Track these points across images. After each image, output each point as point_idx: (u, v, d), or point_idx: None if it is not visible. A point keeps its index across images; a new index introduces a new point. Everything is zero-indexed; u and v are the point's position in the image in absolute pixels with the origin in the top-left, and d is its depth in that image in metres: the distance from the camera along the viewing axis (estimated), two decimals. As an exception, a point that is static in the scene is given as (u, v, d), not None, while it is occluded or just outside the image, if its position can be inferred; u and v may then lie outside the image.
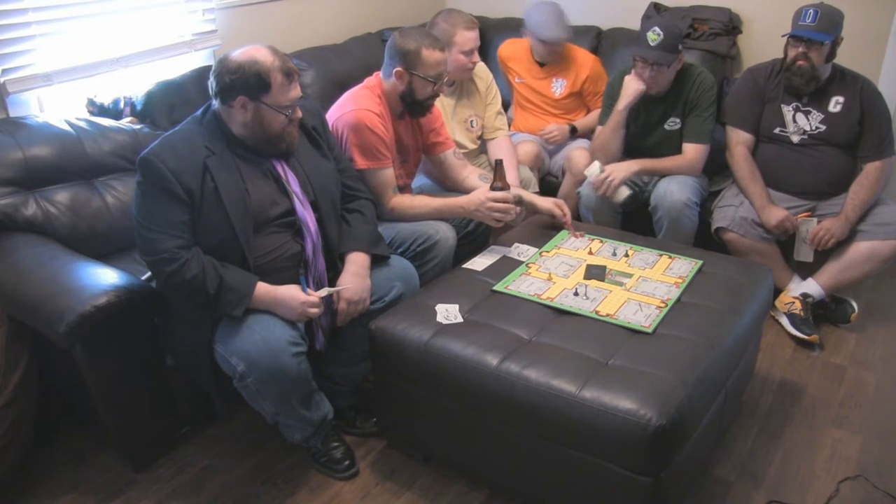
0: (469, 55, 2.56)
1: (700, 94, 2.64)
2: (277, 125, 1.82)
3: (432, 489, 1.99)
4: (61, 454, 2.13)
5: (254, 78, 1.75)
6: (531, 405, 1.65)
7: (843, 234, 2.50)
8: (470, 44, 2.55)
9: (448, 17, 2.58)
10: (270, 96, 1.78)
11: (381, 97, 2.24)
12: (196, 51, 2.80)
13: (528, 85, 3.18)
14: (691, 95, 2.65)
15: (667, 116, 2.69)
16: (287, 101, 1.80)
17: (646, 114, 2.72)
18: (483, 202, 2.15)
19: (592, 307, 1.90)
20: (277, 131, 1.83)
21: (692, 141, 2.67)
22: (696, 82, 2.65)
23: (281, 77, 1.77)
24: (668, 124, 2.70)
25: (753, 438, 2.14)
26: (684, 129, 2.69)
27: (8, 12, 2.25)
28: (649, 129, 2.74)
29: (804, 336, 2.54)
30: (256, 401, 1.84)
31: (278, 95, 1.78)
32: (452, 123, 2.72)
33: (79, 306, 1.74)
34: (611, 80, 2.82)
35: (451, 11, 2.61)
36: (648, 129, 2.74)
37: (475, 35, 2.57)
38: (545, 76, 3.14)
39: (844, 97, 2.53)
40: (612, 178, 2.60)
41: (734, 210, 2.61)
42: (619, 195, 2.63)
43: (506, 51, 3.25)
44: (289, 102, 1.81)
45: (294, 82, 1.81)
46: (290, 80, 1.80)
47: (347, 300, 1.92)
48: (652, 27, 2.54)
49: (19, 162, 2.11)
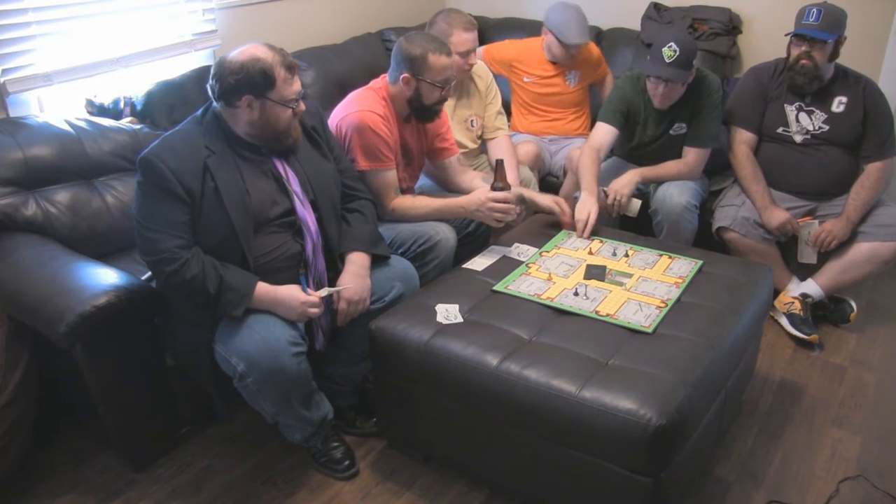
0: (465, 56, 2.56)
1: (706, 98, 2.61)
2: (284, 120, 1.83)
3: (432, 489, 1.99)
4: (61, 454, 2.13)
5: (259, 75, 1.75)
6: (531, 405, 1.65)
7: (845, 235, 2.50)
8: (466, 45, 2.54)
9: (447, 17, 2.58)
10: (275, 92, 1.78)
11: (386, 100, 2.24)
12: (196, 51, 2.80)
13: (540, 83, 3.16)
14: (698, 101, 2.62)
15: (673, 123, 2.68)
16: (291, 94, 1.81)
17: (654, 125, 2.70)
18: (483, 203, 2.15)
19: (592, 307, 1.90)
20: (284, 126, 1.84)
21: (694, 145, 2.66)
22: (703, 87, 2.61)
23: (284, 71, 1.78)
24: (673, 130, 2.69)
25: (753, 438, 2.14)
26: (687, 133, 2.68)
27: (8, 12, 2.25)
28: (656, 136, 2.72)
29: (804, 336, 2.54)
30: (256, 401, 1.84)
31: (283, 90, 1.79)
32: (452, 123, 2.72)
33: (79, 306, 1.73)
34: (620, 82, 2.78)
35: (451, 12, 2.61)
36: (655, 137, 2.73)
37: (472, 37, 2.57)
38: (558, 72, 3.14)
39: (847, 97, 2.53)
40: (620, 196, 2.59)
41: (736, 210, 2.60)
42: (632, 209, 2.64)
43: (506, 53, 3.24)
44: (293, 96, 1.82)
45: (295, 75, 1.83)
46: (292, 74, 1.81)
47: (347, 300, 1.92)
48: (668, 42, 2.46)
49: (19, 162, 2.11)
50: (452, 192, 2.48)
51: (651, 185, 2.74)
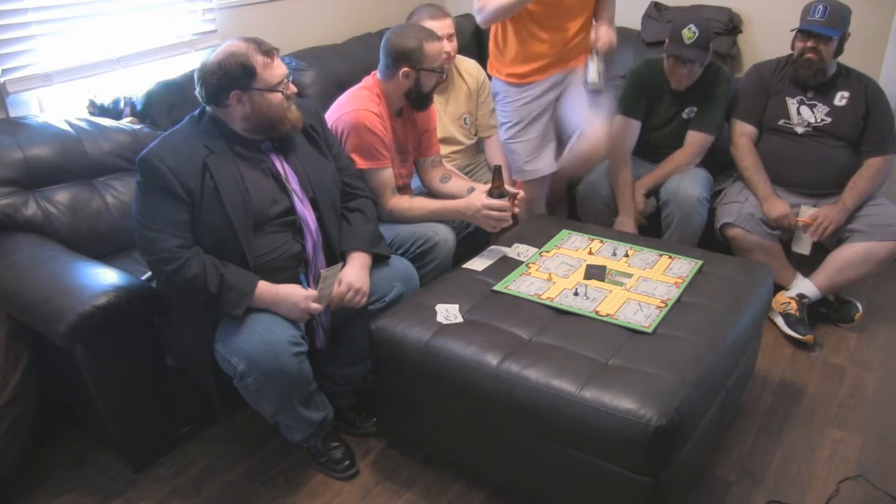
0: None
1: (718, 86, 2.67)
2: (276, 105, 1.83)
3: (432, 489, 1.99)
4: (61, 454, 2.13)
5: (238, 69, 1.76)
6: (531, 405, 1.65)
7: (841, 221, 2.52)
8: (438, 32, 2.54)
9: (418, 11, 2.67)
10: (259, 80, 1.79)
11: (379, 97, 2.24)
12: (196, 51, 2.80)
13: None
14: (710, 87, 2.67)
15: (685, 106, 2.71)
16: (276, 78, 1.82)
17: (667, 106, 2.73)
18: (479, 209, 2.15)
19: (592, 307, 1.90)
20: (278, 112, 1.84)
21: (696, 129, 2.69)
22: (718, 74, 2.68)
23: (261, 57, 1.79)
24: (685, 113, 2.72)
25: (753, 438, 2.14)
26: (694, 118, 2.71)
27: (8, 12, 2.24)
28: (668, 119, 2.75)
29: (799, 336, 2.54)
30: (257, 401, 1.84)
31: (266, 76, 1.80)
32: (445, 120, 2.73)
33: (79, 306, 1.73)
34: (636, 68, 2.80)
35: (423, 6, 2.70)
36: (667, 120, 2.75)
37: (440, 24, 2.62)
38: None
39: (850, 92, 2.56)
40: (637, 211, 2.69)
41: (739, 206, 2.61)
42: (648, 209, 2.72)
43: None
44: (278, 79, 1.82)
45: (275, 59, 1.83)
46: (271, 58, 1.81)
47: (349, 283, 1.91)
48: (687, 25, 2.54)
49: (19, 162, 2.11)
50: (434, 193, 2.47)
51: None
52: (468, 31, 3.54)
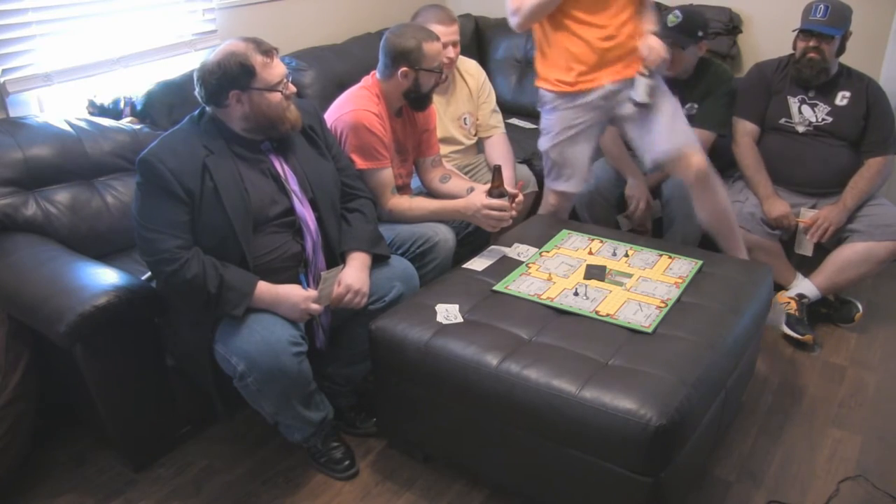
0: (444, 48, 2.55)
1: (717, 83, 2.67)
2: (275, 105, 1.83)
3: (432, 489, 1.99)
4: (61, 454, 2.13)
5: (237, 68, 1.76)
6: (531, 405, 1.65)
7: (841, 221, 2.52)
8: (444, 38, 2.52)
9: (424, 12, 2.62)
10: (258, 80, 1.79)
11: (378, 97, 2.24)
12: (196, 51, 2.80)
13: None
14: (710, 84, 2.68)
15: (685, 103, 2.69)
16: (275, 77, 1.82)
17: None
18: (479, 209, 2.15)
19: (592, 307, 1.90)
20: (277, 112, 1.84)
21: (697, 125, 2.66)
22: (719, 72, 2.70)
23: (261, 57, 1.79)
24: (685, 110, 2.70)
25: (753, 438, 2.14)
26: (694, 115, 2.70)
27: (8, 12, 2.25)
28: None
29: (798, 336, 2.54)
30: (256, 401, 1.84)
31: (265, 75, 1.80)
32: (445, 120, 2.73)
33: (79, 306, 1.73)
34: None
35: (430, 7, 2.65)
36: None
37: (446, 30, 2.59)
38: None
39: (851, 92, 2.57)
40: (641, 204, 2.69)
41: (740, 206, 2.62)
42: (657, 212, 2.74)
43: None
44: (278, 79, 1.82)
45: (274, 58, 1.83)
46: (270, 58, 1.82)
47: (348, 285, 1.91)
48: (673, 10, 2.58)
49: (19, 162, 2.11)
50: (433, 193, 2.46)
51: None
52: (468, 31, 3.55)
